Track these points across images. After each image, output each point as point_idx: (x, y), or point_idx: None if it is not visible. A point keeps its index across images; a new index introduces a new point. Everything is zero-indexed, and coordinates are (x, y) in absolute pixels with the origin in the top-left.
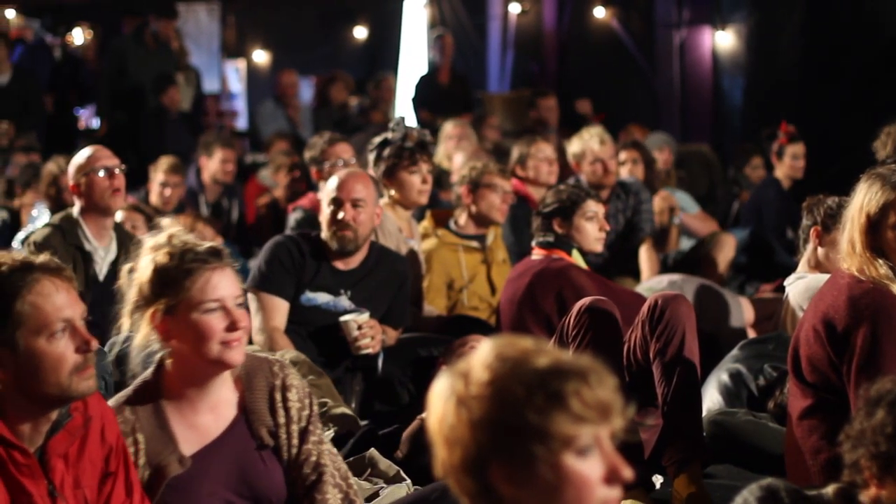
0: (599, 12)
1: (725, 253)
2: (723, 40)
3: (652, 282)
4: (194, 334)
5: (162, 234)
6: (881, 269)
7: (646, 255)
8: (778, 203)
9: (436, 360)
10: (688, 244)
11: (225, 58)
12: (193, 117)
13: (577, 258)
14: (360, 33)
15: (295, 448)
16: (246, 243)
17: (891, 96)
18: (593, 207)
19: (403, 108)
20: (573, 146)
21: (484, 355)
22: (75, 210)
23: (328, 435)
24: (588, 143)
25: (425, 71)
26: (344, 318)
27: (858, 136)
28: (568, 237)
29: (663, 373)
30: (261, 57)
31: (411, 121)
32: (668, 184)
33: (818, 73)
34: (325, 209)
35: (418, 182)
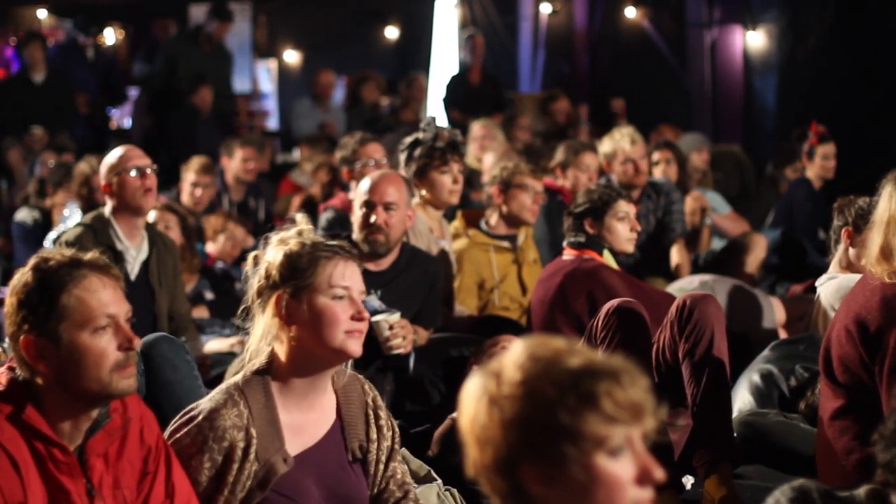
0: (630, 12)
1: (756, 253)
2: (754, 40)
3: (683, 282)
4: (320, 319)
5: (292, 230)
6: None
7: (677, 256)
8: (809, 204)
9: (467, 360)
10: (719, 245)
11: (256, 58)
12: (225, 117)
13: (608, 258)
14: (392, 33)
15: (382, 465)
16: None
17: None
18: (625, 208)
19: (434, 108)
20: (604, 146)
21: (516, 355)
22: (107, 210)
23: None
24: (619, 143)
25: (456, 71)
26: (375, 318)
27: (889, 136)
28: (599, 237)
29: (692, 373)
30: (292, 57)
31: (442, 121)
32: (705, 184)
33: (849, 72)
34: (356, 211)
35: (449, 182)
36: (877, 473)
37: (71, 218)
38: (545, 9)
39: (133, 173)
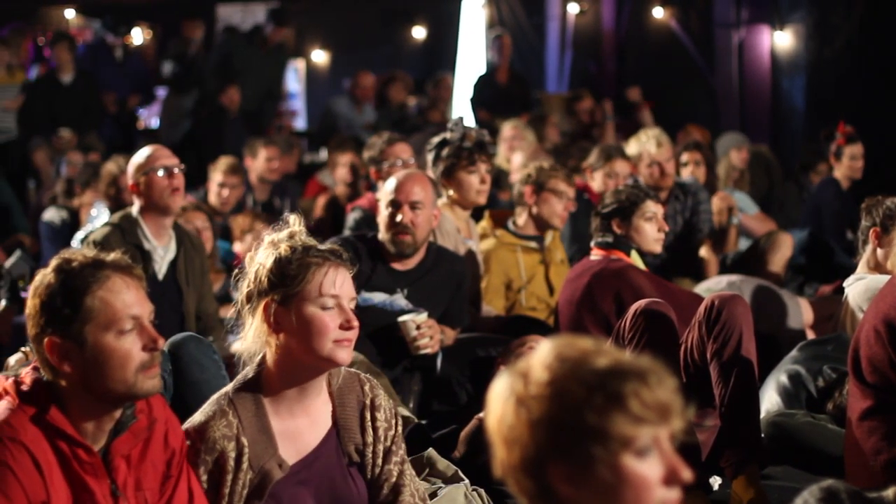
0: (658, 12)
1: (783, 252)
2: (781, 40)
3: (710, 282)
4: (308, 328)
5: (284, 231)
6: None
7: (706, 256)
8: (836, 204)
9: (494, 360)
10: (746, 246)
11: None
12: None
13: (635, 259)
14: (419, 33)
15: (378, 468)
16: None
17: None
18: (652, 208)
19: (462, 108)
20: (630, 148)
21: (543, 355)
22: (135, 209)
23: None
24: (645, 145)
25: (484, 71)
26: (402, 318)
27: None
28: (627, 238)
29: (720, 374)
30: (320, 57)
31: (470, 121)
32: (742, 184)
33: (877, 73)
34: (382, 211)
35: (477, 182)
36: None
37: (98, 218)
38: (572, 9)
39: (161, 173)
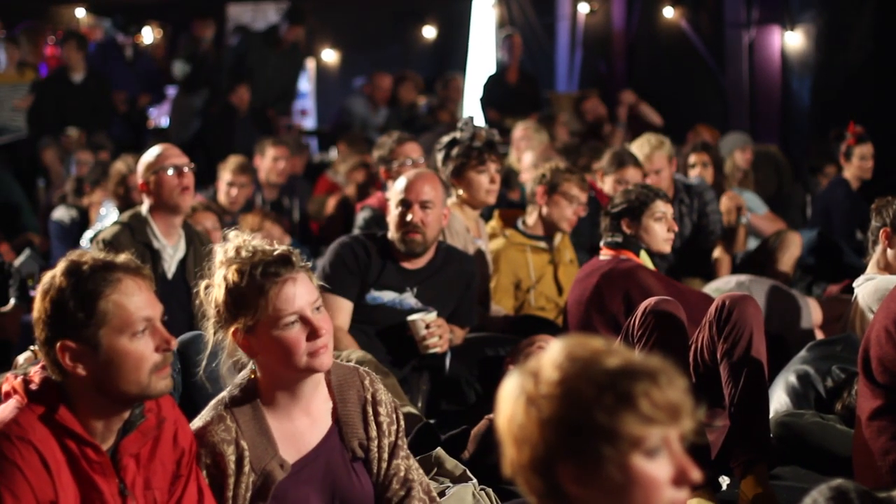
0: (668, 12)
1: (791, 251)
2: (792, 40)
3: (720, 282)
4: (278, 349)
5: (231, 246)
6: None
7: (719, 257)
8: (846, 204)
9: (503, 359)
10: (755, 245)
11: None
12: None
13: (644, 259)
14: (429, 33)
15: (385, 462)
16: (309, 242)
17: None
18: (662, 208)
19: (471, 107)
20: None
21: (554, 355)
22: (144, 208)
23: None
24: (637, 153)
25: (493, 70)
26: (412, 317)
27: None
28: (636, 238)
29: (730, 374)
30: (330, 56)
31: (479, 120)
32: (746, 184)
33: (887, 73)
34: (392, 210)
35: (486, 182)
36: None
37: (107, 217)
38: (583, 8)
39: (170, 172)
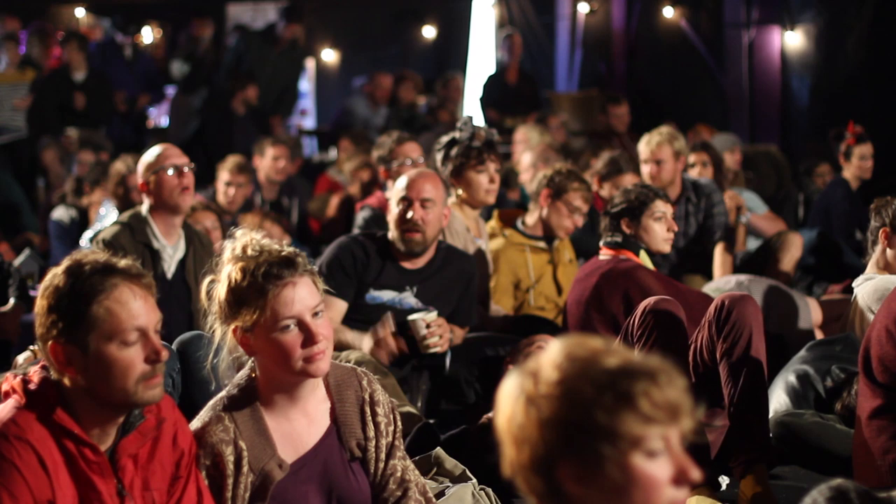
0: (668, 12)
1: (792, 252)
2: (792, 40)
3: (719, 282)
4: (275, 352)
5: (238, 243)
6: None
7: (720, 258)
8: (846, 204)
9: (502, 359)
10: (756, 245)
11: None
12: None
13: (644, 259)
14: (429, 33)
15: (382, 462)
16: (308, 242)
17: None
18: (662, 208)
19: (471, 107)
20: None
21: (553, 355)
22: (144, 208)
23: None
24: (642, 143)
25: (493, 70)
26: (412, 316)
27: None
28: (636, 237)
29: (730, 374)
30: (330, 56)
31: (479, 120)
32: (737, 185)
33: (887, 73)
34: (393, 208)
35: (486, 181)
36: None
37: (107, 216)
38: (583, 8)
39: (170, 172)
